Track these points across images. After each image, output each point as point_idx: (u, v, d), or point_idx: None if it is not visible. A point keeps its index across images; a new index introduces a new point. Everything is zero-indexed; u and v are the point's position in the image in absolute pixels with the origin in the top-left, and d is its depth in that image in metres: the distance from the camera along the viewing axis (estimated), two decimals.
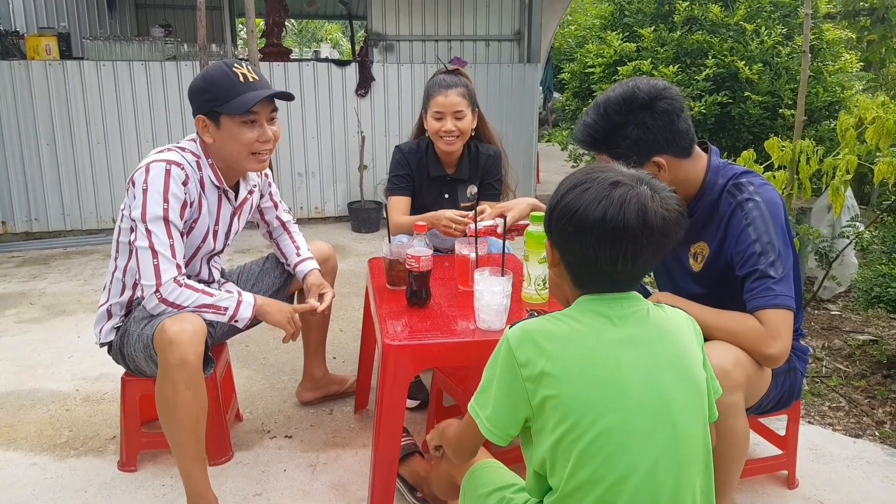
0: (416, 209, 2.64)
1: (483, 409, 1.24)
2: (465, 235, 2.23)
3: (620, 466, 1.12)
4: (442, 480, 1.71)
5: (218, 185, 2.05)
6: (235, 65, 1.95)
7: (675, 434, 1.14)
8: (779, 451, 2.15)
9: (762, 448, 2.26)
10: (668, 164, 1.72)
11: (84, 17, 6.53)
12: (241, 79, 1.92)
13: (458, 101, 2.50)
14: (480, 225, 1.91)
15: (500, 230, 1.89)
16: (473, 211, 2.27)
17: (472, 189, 2.55)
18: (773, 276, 1.64)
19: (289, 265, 2.36)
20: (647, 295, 2.14)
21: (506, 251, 1.94)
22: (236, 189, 2.15)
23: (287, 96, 2.02)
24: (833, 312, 3.54)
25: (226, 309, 1.94)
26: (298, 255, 2.34)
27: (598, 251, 1.16)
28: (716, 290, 1.79)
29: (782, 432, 2.13)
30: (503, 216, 2.18)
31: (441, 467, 1.67)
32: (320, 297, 2.21)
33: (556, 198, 1.23)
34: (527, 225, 2.03)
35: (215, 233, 2.12)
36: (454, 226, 2.37)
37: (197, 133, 2.03)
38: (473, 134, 2.63)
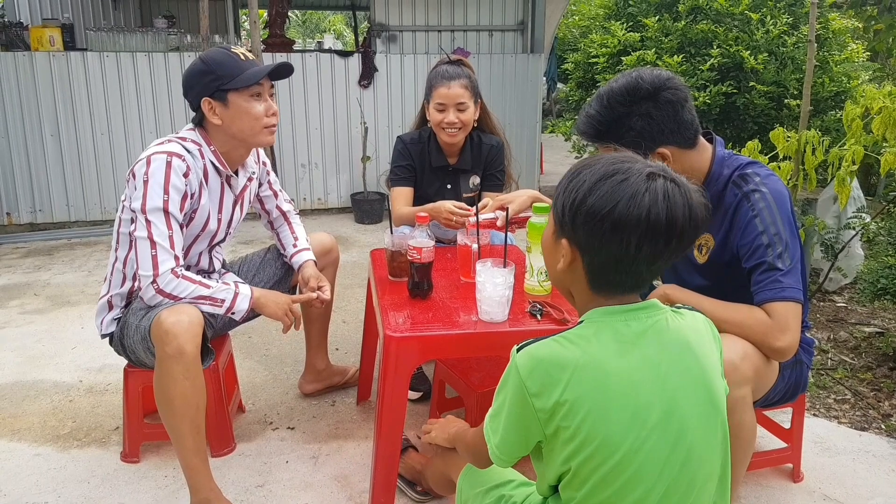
0: (418, 200, 2.62)
1: (494, 435, 1.18)
2: (466, 227, 2.21)
3: (635, 493, 1.08)
4: (437, 477, 1.69)
5: (223, 169, 2.05)
6: (232, 47, 2.00)
7: (690, 458, 1.10)
8: (784, 444, 2.14)
9: (767, 441, 2.25)
10: (673, 154, 1.70)
11: (88, 8, 6.51)
12: (242, 57, 1.98)
13: (460, 92, 2.47)
14: (482, 218, 1.89)
15: (500, 223, 1.87)
16: (475, 202, 2.25)
17: (475, 180, 2.54)
18: (780, 268, 1.62)
19: (286, 256, 2.35)
20: (651, 287, 2.13)
21: (508, 242, 1.93)
22: (236, 176, 2.14)
23: (288, 69, 2.06)
24: (839, 304, 3.52)
25: (222, 301, 1.94)
26: (295, 245, 2.34)
27: (639, 250, 1.05)
28: (720, 282, 1.77)
29: (787, 425, 2.12)
30: (504, 209, 2.16)
31: (436, 465, 1.65)
32: (319, 288, 2.21)
33: (578, 192, 1.08)
34: (528, 217, 2.01)
35: (218, 220, 2.11)
36: (454, 218, 2.36)
37: (196, 121, 2.03)
38: (476, 125, 2.61)
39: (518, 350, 1.12)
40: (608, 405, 1.06)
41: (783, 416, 2.19)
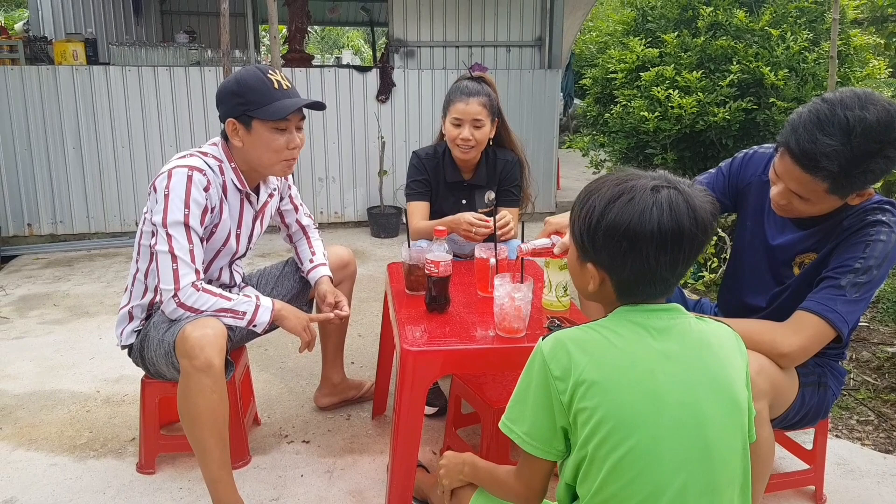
0: (434, 215, 2.62)
1: (519, 424, 1.19)
2: (486, 240, 2.20)
3: (649, 486, 1.08)
4: None
5: (241, 188, 2.05)
6: (270, 71, 1.96)
7: (709, 456, 1.09)
8: (806, 466, 2.10)
9: (788, 462, 2.21)
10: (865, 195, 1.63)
11: (111, 23, 6.63)
12: (276, 85, 1.94)
13: (478, 110, 2.47)
14: (535, 244, 1.87)
15: (557, 250, 1.82)
16: (493, 216, 2.25)
17: (490, 195, 2.53)
18: (846, 293, 1.60)
19: (303, 271, 2.36)
20: (684, 299, 2.10)
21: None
22: (257, 192, 2.15)
23: (320, 106, 2.04)
24: (861, 324, 3.47)
25: (244, 313, 1.94)
26: (312, 260, 2.34)
27: (658, 260, 1.11)
28: (788, 296, 1.76)
29: (809, 446, 2.08)
30: (559, 234, 1.96)
31: (444, 498, 1.62)
32: (336, 304, 2.20)
33: (593, 216, 1.14)
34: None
35: (238, 236, 2.12)
36: (474, 229, 2.35)
37: (221, 137, 2.04)
38: (491, 143, 2.60)
39: (543, 339, 1.18)
40: (626, 388, 1.10)
41: (805, 436, 2.16)
